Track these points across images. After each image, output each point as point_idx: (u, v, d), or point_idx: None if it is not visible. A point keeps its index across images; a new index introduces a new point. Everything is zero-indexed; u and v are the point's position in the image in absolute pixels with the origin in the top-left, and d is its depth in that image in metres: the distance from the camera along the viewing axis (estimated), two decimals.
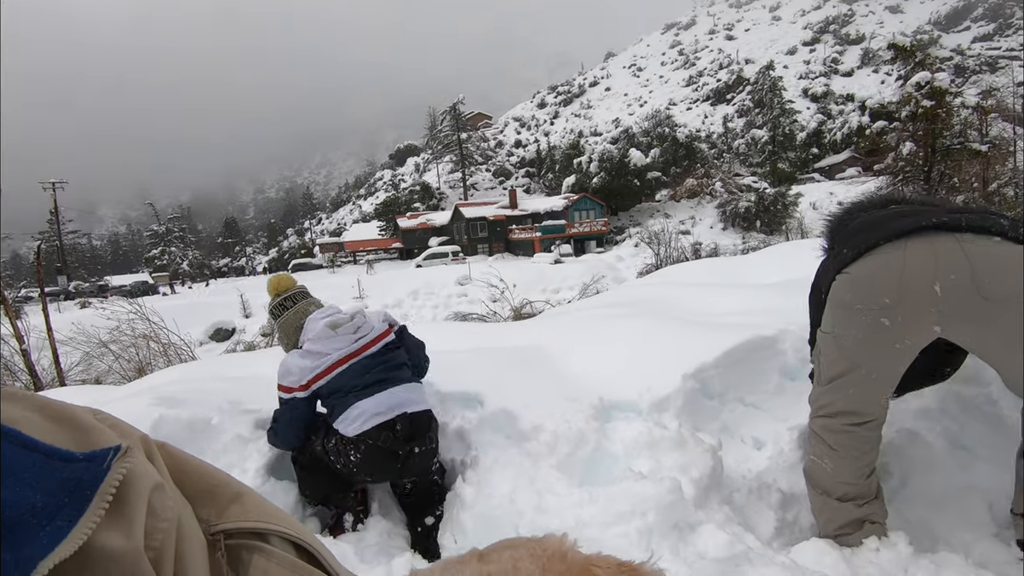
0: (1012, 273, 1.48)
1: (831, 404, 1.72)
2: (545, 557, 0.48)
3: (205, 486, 0.50)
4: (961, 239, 1.52)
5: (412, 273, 27.93)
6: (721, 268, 7.20)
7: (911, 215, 1.64)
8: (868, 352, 1.64)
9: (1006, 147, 21.28)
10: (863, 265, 1.63)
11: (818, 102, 68.11)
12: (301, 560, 0.51)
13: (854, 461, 1.70)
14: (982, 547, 1.72)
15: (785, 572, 1.40)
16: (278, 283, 2.46)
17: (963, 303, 1.50)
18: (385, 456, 2.01)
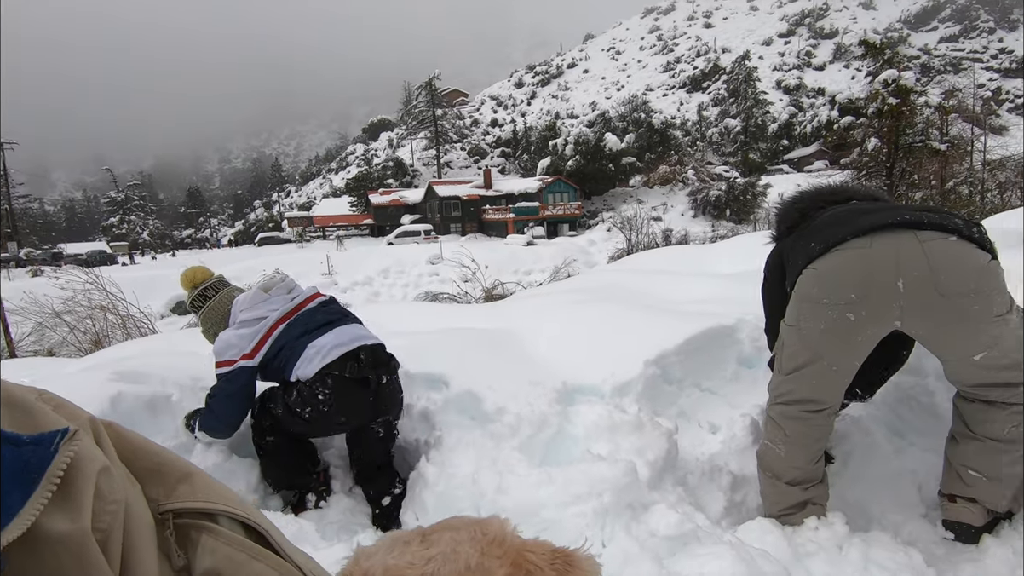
0: (966, 271, 1.57)
1: (791, 392, 1.79)
2: (485, 541, 0.49)
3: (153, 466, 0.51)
4: (921, 237, 1.59)
5: (383, 251, 27.61)
6: (687, 256, 7.36)
7: (875, 212, 1.69)
8: (831, 344, 1.70)
9: (964, 147, 22.12)
10: (830, 260, 1.67)
11: (790, 94, 69.29)
12: (249, 539, 0.51)
13: (806, 448, 1.79)
14: (911, 527, 1.85)
15: (730, 549, 1.48)
16: (193, 275, 2.32)
17: (922, 299, 1.58)
18: (356, 386, 1.96)
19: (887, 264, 1.59)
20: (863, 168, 21.79)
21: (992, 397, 1.65)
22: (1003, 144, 24.99)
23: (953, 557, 1.71)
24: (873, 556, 1.61)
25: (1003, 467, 1.67)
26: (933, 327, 1.64)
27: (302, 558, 0.58)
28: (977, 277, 1.57)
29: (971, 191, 20.32)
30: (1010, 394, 1.62)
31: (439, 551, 0.48)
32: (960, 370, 1.68)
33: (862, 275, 1.61)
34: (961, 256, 1.58)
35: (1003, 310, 1.59)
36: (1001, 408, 1.64)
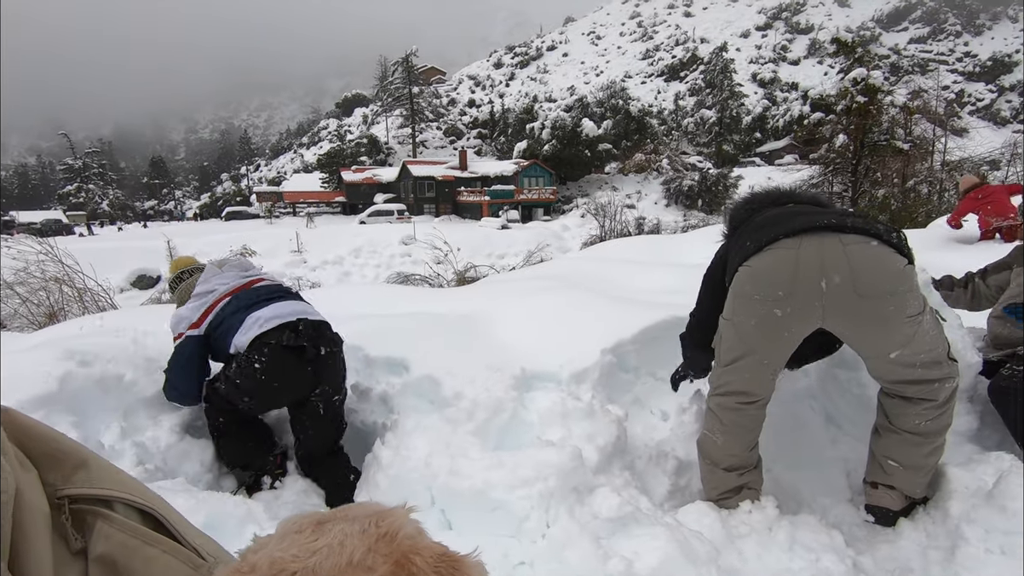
0: (883, 274, 1.67)
1: (727, 384, 1.89)
2: (376, 535, 0.49)
3: (50, 452, 0.51)
4: (844, 240, 1.68)
5: (355, 229, 27.20)
6: (656, 246, 7.50)
7: (805, 215, 1.79)
8: (762, 338, 1.80)
9: (926, 147, 22.86)
10: (762, 259, 1.76)
11: (765, 88, 70.23)
12: (145, 526, 0.53)
13: (741, 436, 1.89)
14: (837, 510, 1.98)
15: (666, 531, 1.57)
16: (180, 262, 2.55)
17: (842, 299, 1.68)
18: (292, 355, 1.98)
19: (812, 264, 1.67)
20: (830, 164, 22.33)
21: (909, 393, 1.77)
22: (962, 146, 25.87)
23: (872, 538, 1.84)
24: (799, 537, 1.73)
25: (919, 458, 1.80)
26: (852, 325, 1.74)
27: (202, 541, 0.59)
28: (893, 280, 1.67)
29: (930, 190, 21.03)
30: (925, 390, 1.74)
31: (326, 543, 0.47)
32: (879, 367, 1.80)
33: (789, 274, 1.70)
34: (879, 259, 1.67)
35: (916, 311, 1.69)
36: (916, 403, 1.76)
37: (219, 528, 1.37)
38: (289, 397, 2.11)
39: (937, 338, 1.75)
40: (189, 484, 1.81)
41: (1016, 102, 68.89)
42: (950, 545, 1.67)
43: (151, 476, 1.83)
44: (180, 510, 1.34)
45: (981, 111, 66.83)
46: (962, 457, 1.94)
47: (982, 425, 2.08)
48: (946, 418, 1.79)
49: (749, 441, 1.91)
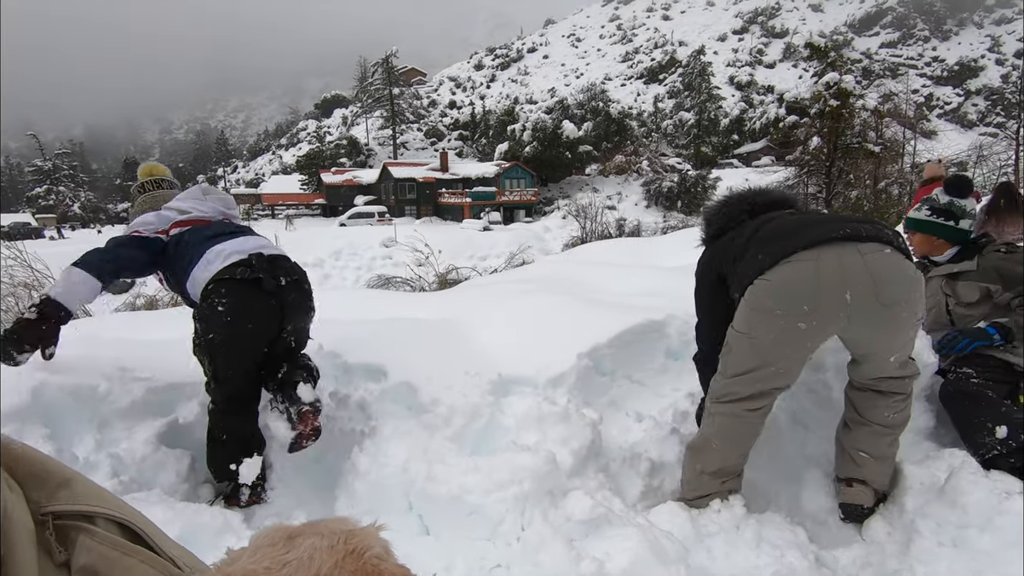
0: (902, 281, 1.73)
1: (737, 393, 1.88)
2: (344, 551, 0.51)
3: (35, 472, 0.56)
4: (862, 250, 1.71)
5: (335, 232, 26.93)
6: (635, 249, 7.60)
7: (817, 225, 1.80)
8: (781, 352, 1.80)
9: (897, 149, 23.49)
10: (781, 272, 1.74)
11: (742, 90, 71.40)
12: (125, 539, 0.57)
13: (740, 444, 1.94)
14: (802, 508, 2.06)
15: (637, 531, 1.62)
16: (154, 168, 2.42)
17: (866, 308, 1.71)
18: (252, 288, 1.94)
19: (834, 277, 1.69)
20: (805, 166, 22.82)
21: (883, 387, 1.88)
22: (931, 148, 26.64)
23: (833, 534, 1.92)
24: (765, 535, 1.79)
25: (884, 447, 1.91)
26: (869, 332, 1.79)
27: (178, 552, 0.63)
28: (908, 286, 1.73)
29: (900, 192, 21.57)
30: (897, 385, 1.86)
31: (296, 556, 0.50)
32: (874, 367, 1.88)
33: (812, 287, 1.70)
34: (897, 267, 1.73)
35: (922, 315, 1.83)
36: (888, 396, 1.87)
37: (195, 539, 1.38)
38: (263, 337, 2.04)
39: (914, 337, 1.89)
40: (165, 495, 1.81)
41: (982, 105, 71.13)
42: (905, 539, 1.75)
43: (126, 488, 1.82)
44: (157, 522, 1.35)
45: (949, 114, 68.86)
46: (919, 454, 2.03)
47: (938, 423, 2.18)
48: (908, 411, 1.92)
49: (745, 449, 1.96)
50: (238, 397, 2.03)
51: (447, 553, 1.72)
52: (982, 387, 2.07)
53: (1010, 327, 2.15)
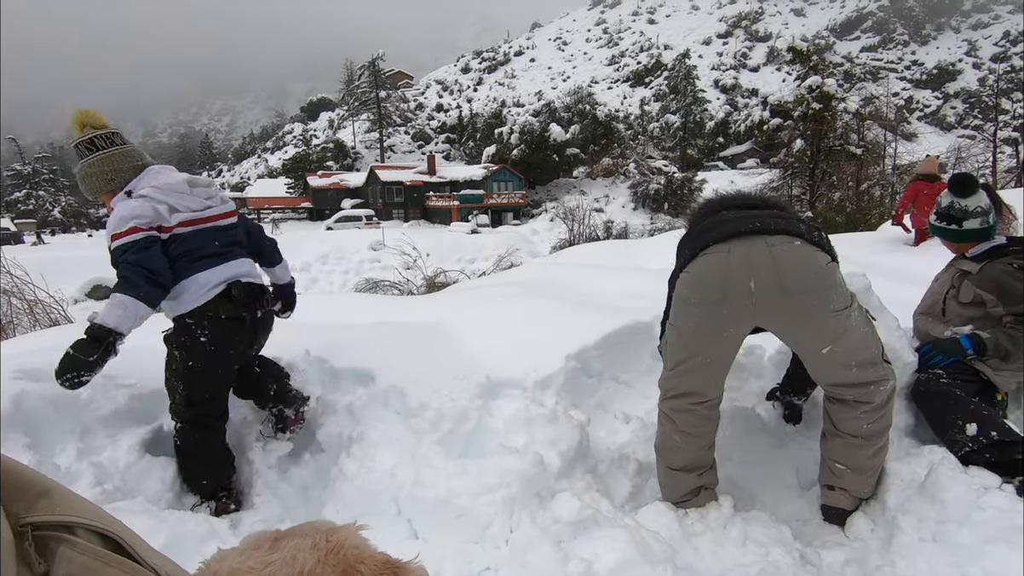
0: (806, 270, 1.78)
1: (676, 387, 1.96)
2: (325, 550, 0.54)
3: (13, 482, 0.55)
4: (770, 242, 1.79)
5: (322, 235, 26.75)
6: (622, 251, 7.64)
7: (735, 221, 1.89)
8: (702, 341, 1.90)
9: (878, 151, 23.88)
10: (697, 264, 1.87)
11: (727, 93, 72.21)
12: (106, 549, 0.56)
13: (697, 437, 1.96)
14: (788, 506, 2.08)
15: (624, 532, 1.64)
16: (91, 117, 2.03)
17: (770, 297, 1.78)
18: (233, 323, 2.01)
19: (741, 266, 1.79)
20: (788, 168, 23.13)
21: (847, 396, 1.87)
22: (911, 150, 27.12)
23: (817, 531, 1.94)
24: (751, 533, 1.82)
25: (863, 460, 1.90)
26: (782, 322, 1.86)
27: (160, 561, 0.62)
28: (815, 276, 1.78)
29: (882, 193, 21.93)
30: (861, 393, 1.84)
31: (280, 556, 0.53)
32: (815, 366, 1.90)
33: (722, 277, 1.82)
34: (803, 257, 1.79)
35: (841, 306, 1.80)
36: (855, 407, 1.86)
37: (181, 547, 1.37)
38: (240, 361, 2.13)
39: (869, 337, 1.85)
40: (149, 503, 1.78)
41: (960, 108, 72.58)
42: (887, 535, 1.78)
43: (110, 497, 1.80)
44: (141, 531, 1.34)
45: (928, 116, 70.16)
46: (900, 452, 2.06)
47: (918, 421, 2.21)
48: (886, 420, 1.88)
49: (706, 441, 1.98)
50: (210, 415, 2.07)
51: (436, 557, 1.72)
52: (951, 386, 2.11)
53: (986, 342, 2.17)
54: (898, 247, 6.89)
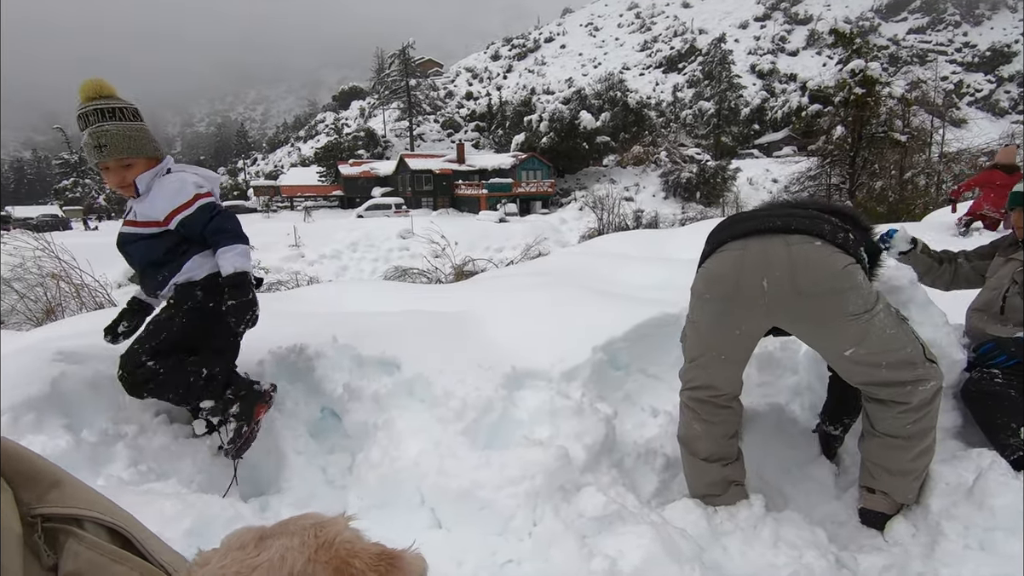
0: (821, 272, 1.70)
1: (694, 379, 1.95)
2: (315, 545, 0.52)
3: (26, 471, 0.54)
4: (789, 241, 1.73)
5: (352, 223, 27.10)
6: (652, 240, 7.50)
7: (755, 218, 1.86)
8: (717, 335, 1.88)
9: (924, 139, 22.82)
10: (714, 260, 1.86)
11: (764, 79, 70.05)
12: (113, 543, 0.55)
13: (717, 426, 1.92)
14: (823, 507, 2.01)
15: (650, 528, 1.59)
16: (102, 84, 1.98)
17: (783, 297, 1.73)
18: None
19: (756, 264, 1.75)
20: (828, 156, 22.33)
21: (881, 396, 1.78)
22: (960, 137, 25.83)
23: (855, 535, 1.86)
24: (783, 534, 1.75)
25: (905, 462, 1.80)
26: (797, 323, 1.80)
27: (170, 557, 0.61)
28: (830, 279, 1.70)
29: (928, 182, 21.01)
30: (896, 393, 1.74)
31: (267, 558, 0.50)
32: (840, 367, 1.83)
33: (735, 274, 1.78)
34: (820, 259, 1.71)
35: (858, 310, 1.70)
36: (891, 406, 1.76)
37: (207, 531, 1.39)
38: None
39: (900, 338, 1.74)
40: (180, 486, 1.82)
41: (1015, 92, 68.75)
42: (930, 541, 1.70)
43: (143, 477, 1.84)
44: (168, 514, 1.36)
45: (980, 102, 66.72)
46: (945, 454, 1.96)
47: (966, 422, 2.10)
48: (927, 421, 1.77)
49: (728, 431, 1.94)
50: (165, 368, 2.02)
51: (459, 548, 1.71)
52: (1005, 387, 1.99)
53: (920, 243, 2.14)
54: (945, 237, 6.59)
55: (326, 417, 2.44)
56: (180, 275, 2.06)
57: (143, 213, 2.04)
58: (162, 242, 2.06)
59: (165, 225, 2.02)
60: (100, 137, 1.92)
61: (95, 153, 1.92)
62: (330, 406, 2.43)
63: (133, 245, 2.10)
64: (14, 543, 0.48)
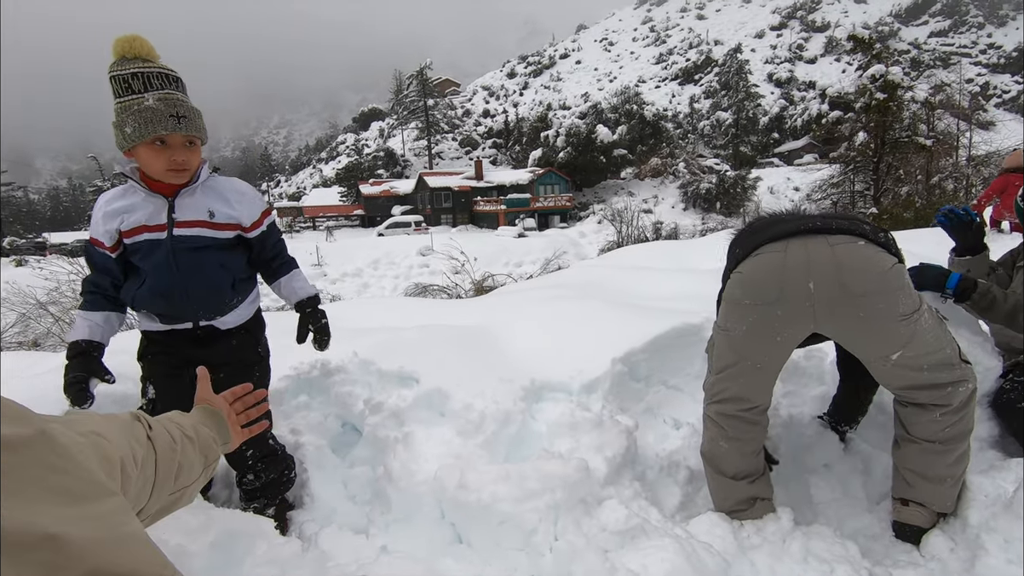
0: (870, 272, 1.64)
1: (723, 391, 1.86)
2: None
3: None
4: (831, 241, 1.66)
5: (373, 242, 27.53)
6: (671, 252, 7.45)
7: (791, 220, 1.78)
8: (754, 343, 1.78)
9: (950, 142, 22.33)
10: (750, 264, 1.76)
11: (781, 87, 69.51)
12: None
13: (746, 443, 1.86)
14: (854, 521, 1.94)
15: (674, 542, 1.56)
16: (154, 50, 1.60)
17: (832, 298, 1.66)
18: None
19: (799, 266, 1.67)
20: (851, 162, 21.99)
21: (921, 399, 1.71)
22: (988, 140, 25.18)
23: (889, 549, 1.79)
24: (813, 548, 1.69)
25: (942, 468, 1.73)
26: (843, 326, 1.71)
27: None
28: (880, 278, 1.63)
29: (956, 186, 20.50)
30: (937, 395, 1.68)
31: None
32: (883, 372, 1.75)
33: (778, 277, 1.70)
34: (866, 258, 1.65)
35: (910, 310, 1.64)
36: (931, 410, 1.70)
37: (231, 545, 1.40)
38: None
39: (941, 338, 1.69)
40: (202, 499, 1.85)
41: None
42: (970, 556, 1.62)
43: None
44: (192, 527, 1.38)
45: (1008, 103, 65.12)
46: (983, 464, 1.89)
47: (1004, 432, 2.02)
48: (965, 423, 1.71)
49: (753, 447, 1.87)
50: None
51: (479, 562, 1.69)
52: None
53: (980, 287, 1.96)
54: None
55: (347, 432, 2.45)
56: (251, 302, 1.83)
57: (223, 212, 1.70)
58: (240, 254, 1.78)
59: (250, 231, 1.76)
60: (178, 106, 1.56)
61: (170, 123, 1.54)
62: (351, 421, 2.44)
63: (203, 253, 1.67)
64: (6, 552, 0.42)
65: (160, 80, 1.55)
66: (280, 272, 1.85)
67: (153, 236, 1.63)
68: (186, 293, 1.66)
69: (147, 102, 1.52)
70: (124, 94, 1.53)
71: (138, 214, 1.63)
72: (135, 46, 1.54)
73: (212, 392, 1.21)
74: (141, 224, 1.62)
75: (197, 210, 1.66)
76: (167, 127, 1.53)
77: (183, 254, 1.64)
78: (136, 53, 1.54)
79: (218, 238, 1.69)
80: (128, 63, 1.53)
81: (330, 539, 1.78)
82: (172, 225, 1.63)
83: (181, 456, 0.93)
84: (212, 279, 1.69)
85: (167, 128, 1.53)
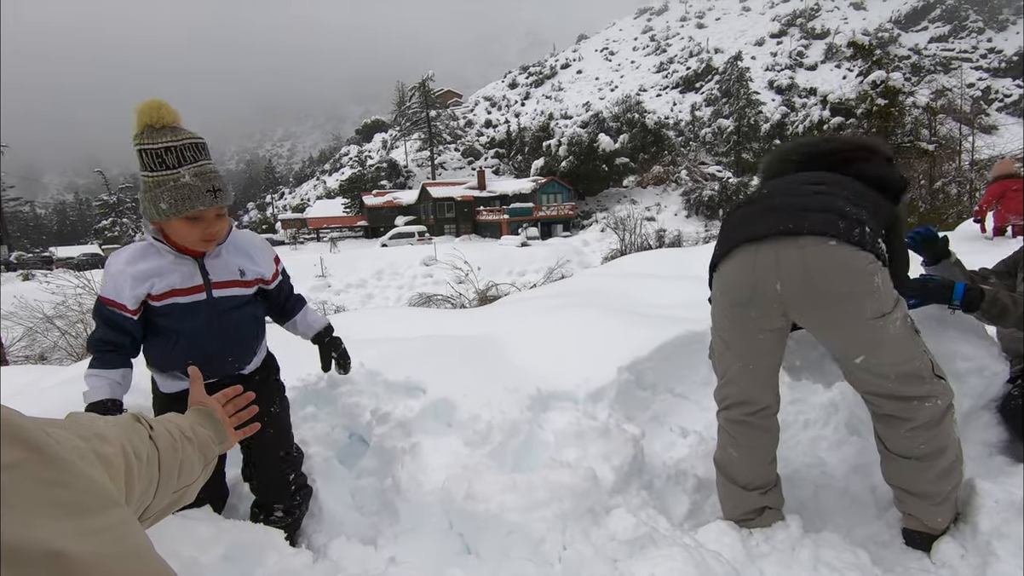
0: (838, 272, 1.63)
1: (727, 397, 1.89)
2: None
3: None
4: (802, 243, 1.66)
5: (377, 252, 27.58)
6: (674, 259, 7.45)
7: (766, 220, 1.75)
8: (741, 345, 1.82)
9: (952, 147, 22.33)
10: (727, 264, 1.81)
11: (783, 94, 69.64)
12: None
13: (754, 451, 1.85)
14: (863, 528, 1.93)
15: (683, 551, 1.55)
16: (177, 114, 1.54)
17: (798, 300, 1.68)
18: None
19: (769, 267, 1.70)
20: None
21: (886, 409, 1.69)
22: (991, 144, 25.18)
23: (899, 556, 1.78)
24: (823, 556, 1.69)
25: (924, 484, 1.69)
26: (813, 326, 1.75)
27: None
28: (847, 279, 1.62)
29: (959, 191, 20.46)
30: (901, 408, 1.66)
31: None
32: (849, 374, 1.75)
33: (750, 279, 1.74)
34: (835, 259, 1.63)
35: (878, 313, 1.62)
36: (897, 423, 1.68)
37: (242, 557, 1.41)
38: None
39: (911, 349, 1.66)
40: (213, 511, 1.85)
41: None
42: (981, 562, 1.61)
43: None
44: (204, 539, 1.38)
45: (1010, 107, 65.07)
46: (993, 470, 1.88)
47: (1012, 436, 2.01)
48: (942, 440, 1.66)
49: (765, 456, 1.87)
50: None
51: (488, 572, 1.69)
52: None
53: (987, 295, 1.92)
54: (977, 245, 6.40)
55: (355, 442, 2.46)
56: (264, 347, 1.86)
57: (251, 269, 1.73)
58: (261, 304, 1.82)
59: (271, 282, 1.80)
60: (214, 179, 1.55)
61: (207, 198, 1.52)
62: (358, 431, 2.45)
63: (239, 311, 1.71)
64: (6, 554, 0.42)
65: (192, 152, 1.53)
66: (294, 311, 1.91)
67: (189, 299, 1.62)
68: (224, 351, 1.69)
69: (184, 179, 1.50)
70: (157, 168, 1.50)
71: (171, 277, 1.60)
72: (163, 114, 1.50)
73: (205, 394, 1.25)
74: (174, 288, 1.61)
75: (229, 270, 1.68)
76: (204, 203, 1.52)
77: (223, 314, 1.67)
78: (164, 122, 1.50)
79: (248, 294, 1.74)
80: (157, 135, 1.49)
81: (339, 550, 1.79)
82: (210, 287, 1.64)
83: (182, 455, 0.96)
84: (246, 334, 1.74)
85: (205, 204, 1.52)
